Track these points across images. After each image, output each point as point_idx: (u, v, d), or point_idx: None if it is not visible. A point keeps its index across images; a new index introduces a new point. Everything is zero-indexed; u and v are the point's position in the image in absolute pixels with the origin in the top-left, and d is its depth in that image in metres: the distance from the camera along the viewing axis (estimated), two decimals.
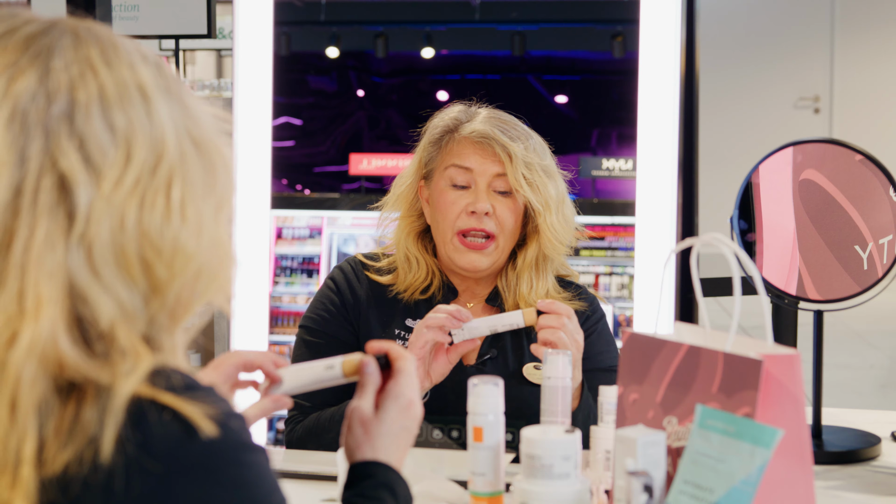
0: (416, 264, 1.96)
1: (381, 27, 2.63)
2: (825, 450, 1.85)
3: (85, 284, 0.88)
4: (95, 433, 0.85)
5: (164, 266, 0.92)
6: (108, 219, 0.89)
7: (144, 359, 0.89)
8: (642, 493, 1.22)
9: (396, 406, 1.25)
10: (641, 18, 2.09)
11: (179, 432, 0.88)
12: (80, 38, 0.93)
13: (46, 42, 0.92)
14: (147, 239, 0.91)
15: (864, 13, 9.03)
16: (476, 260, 1.90)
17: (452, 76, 2.62)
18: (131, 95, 0.92)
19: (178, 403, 0.88)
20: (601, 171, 2.51)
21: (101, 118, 0.90)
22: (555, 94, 2.52)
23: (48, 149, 0.88)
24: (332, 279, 2.00)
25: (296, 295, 2.76)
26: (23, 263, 0.86)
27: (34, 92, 0.89)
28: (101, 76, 0.92)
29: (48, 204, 0.88)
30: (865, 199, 1.90)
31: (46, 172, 0.88)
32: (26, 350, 0.85)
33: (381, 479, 1.19)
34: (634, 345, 1.37)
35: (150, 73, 0.95)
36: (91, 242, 0.89)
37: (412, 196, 1.99)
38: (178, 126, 0.95)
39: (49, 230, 0.87)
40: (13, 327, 0.86)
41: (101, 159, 0.89)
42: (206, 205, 0.95)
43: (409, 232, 1.98)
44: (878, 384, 5.77)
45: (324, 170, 2.70)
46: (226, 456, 0.90)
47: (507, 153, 1.89)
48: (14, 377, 0.85)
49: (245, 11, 2.20)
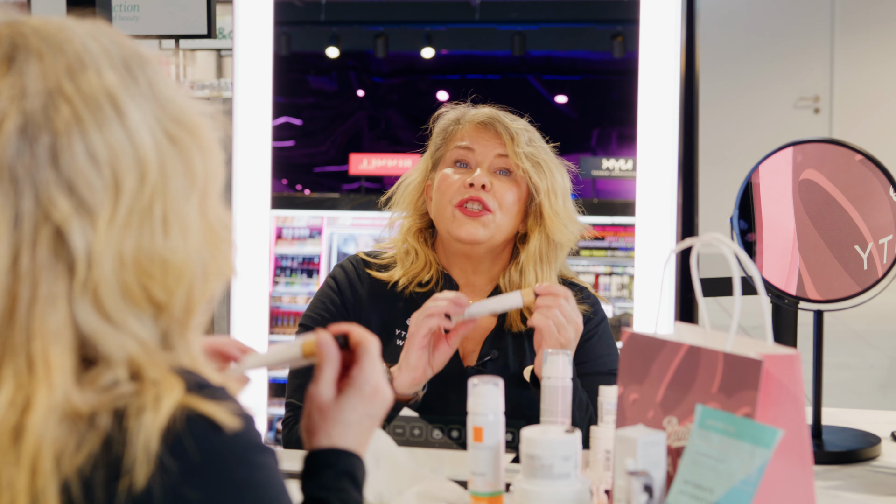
0: (414, 255, 1.97)
1: (381, 27, 2.63)
2: (825, 450, 1.85)
3: (94, 331, 0.87)
4: (129, 459, 0.85)
5: (159, 287, 0.91)
6: (109, 257, 0.88)
7: (175, 387, 0.88)
8: (642, 493, 1.22)
9: (359, 394, 1.16)
10: (641, 18, 2.09)
11: (198, 431, 0.88)
12: (45, 57, 0.90)
13: (14, 79, 0.89)
14: (139, 265, 0.90)
15: (864, 13, 9.03)
16: (472, 228, 1.89)
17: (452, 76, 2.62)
18: (104, 110, 0.90)
19: (197, 403, 0.88)
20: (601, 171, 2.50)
21: (83, 150, 0.88)
22: (555, 94, 2.52)
23: (40, 202, 0.87)
24: (333, 278, 2.00)
25: (296, 295, 2.76)
26: (28, 327, 0.86)
27: (18, 143, 0.87)
28: (73, 101, 0.89)
29: (46, 260, 0.86)
30: (865, 199, 1.90)
31: (41, 226, 0.87)
32: (44, 414, 0.84)
33: (340, 468, 1.12)
34: (634, 345, 1.37)
35: (116, 73, 0.92)
36: (96, 286, 0.88)
37: (418, 195, 2.00)
38: (152, 127, 0.92)
39: (50, 287, 0.86)
40: (25, 392, 0.85)
41: (91, 198, 0.88)
42: (189, 203, 0.94)
43: (411, 227, 2.00)
44: (878, 384, 5.77)
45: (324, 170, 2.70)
46: (237, 456, 0.90)
47: (510, 133, 1.92)
48: (35, 443, 0.84)
49: (245, 11, 2.20)
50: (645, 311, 2.11)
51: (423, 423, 1.80)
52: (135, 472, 0.84)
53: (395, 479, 1.54)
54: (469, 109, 2.00)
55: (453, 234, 1.92)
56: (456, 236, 1.92)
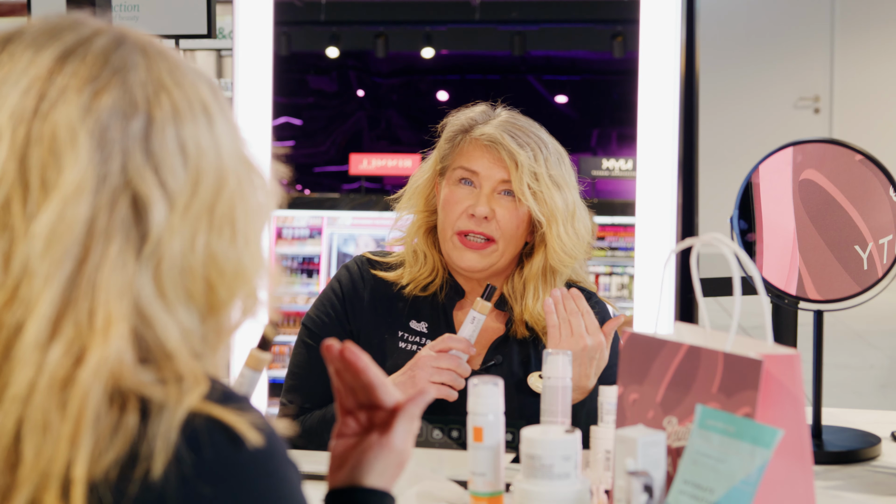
0: (423, 258, 1.95)
1: (381, 27, 2.63)
2: (825, 450, 1.85)
3: (150, 306, 0.89)
4: (147, 450, 0.86)
5: (226, 287, 0.94)
6: (180, 240, 0.91)
7: (202, 381, 0.90)
8: (642, 493, 1.22)
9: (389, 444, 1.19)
10: (641, 18, 2.08)
11: (222, 443, 0.88)
12: (150, 55, 0.95)
13: (122, 57, 0.93)
14: (213, 261, 0.93)
15: (864, 13, 9.04)
16: (473, 259, 1.89)
17: (452, 76, 2.62)
18: (197, 115, 0.94)
19: (223, 414, 0.89)
20: (601, 171, 2.51)
21: (175, 139, 0.92)
22: (555, 94, 2.52)
23: (125, 169, 0.89)
24: (338, 280, 2.00)
25: (296, 295, 2.76)
26: (95, 281, 0.87)
27: (115, 108, 0.90)
28: (173, 95, 0.93)
29: (122, 223, 0.89)
30: (865, 199, 1.90)
31: (122, 192, 0.89)
32: (94, 369, 0.86)
33: None
34: (634, 345, 1.37)
35: (208, 92, 0.97)
36: (159, 264, 0.90)
37: (429, 191, 1.98)
38: (234, 147, 0.97)
39: (122, 249, 0.88)
40: (82, 343, 0.86)
41: (173, 182, 0.91)
42: (258, 223, 0.98)
43: (421, 226, 1.97)
44: (878, 384, 5.77)
45: (324, 170, 2.70)
46: (259, 467, 0.90)
47: (514, 160, 1.87)
48: (81, 396, 0.85)
49: (245, 11, 2.20)
50: (645, 311, 2.10)
51: (423, 423, 1.80)
52: (152, 464, 0.85)
53: None
54: (478, 119, 1.95)
55: (453, 262, 1.91)
56: (455, 265, 1.91)
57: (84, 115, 0.89)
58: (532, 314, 1.90)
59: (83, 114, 0.89)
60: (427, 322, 1.94)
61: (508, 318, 1.93)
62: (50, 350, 0.86)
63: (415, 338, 1.93)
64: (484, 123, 1.94)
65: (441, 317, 1.94)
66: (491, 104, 1.99)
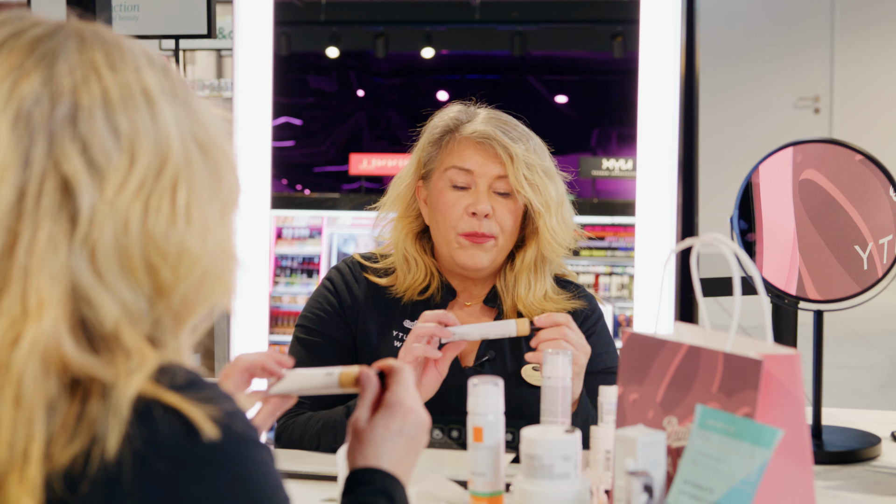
0: (415, 265, 1.95)
1: (381, 27, 2.63)
2: (825, 450, 1.85)
3: (88, 286, 0.89)
4: (101, 430, 0.86)
5: (170, 269, 0.93)
6: (112, 222, 0.90)
7: (149, 358, 0.90)
8: (642, 493, 1.22)
9: (390, 413, 1.22)
10: (641, 18, 2.09)
11: (183, 430, 0.88)
12: (86, 41, 0.94)
13: (51, 45, 0.93)
14: (152, 242, 0.92)
15: (864, 13, 9.04)
16: (477, 256, 1.89)
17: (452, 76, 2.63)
18: (135, 99, 0.93)
19: (182, 402, 0.89)
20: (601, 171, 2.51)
21: (105, 122, 0.91)
22: (555, 94, 2.52)
23: (51, 152, 0.89)
24: (330, 280, 2.00)
25: (296, 295, 2.76)
26: (26, 266, 0.87)
27: (38, 95, 0.90)
28: (104, 80, 0.93)
29: (51, 207, 0.89)
30: (865, 199, 1.90)
31: (49, 175, 0.89)
32: (28, 349, 0.86)
33: (377, 486, 1.17)
34: (634, 345, 1.37)
35: (155, 77, 0.96)
36: (94, 245, 0.89)
37: (409, 196, 1.98)
38: (183, 130, 0.95)
39: (52, 233, 0.88)
40: (17, 329, 0.87)
41: (104, 163, 0.90)
42: (212, 208, 0.96)
43: (408, 233, 1.97)
44: (878, 384, 5.77)
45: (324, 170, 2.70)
46: (230, 452, 0.90)
47: (509, 154, 1.88)
48: (17, 376, 0.86)
49: (245, 11, 2.20)
50: (645, 311, 2.11)
51: None
52: (106, 442, 0.86)
53: None
54: (462, 119, 1.95)
55: (457, 261, 1.91)
56: (460, 263, 1.91)
57: (5, 103, 0.89)
58: (525, 304, 1.92)
59: (4, 102, 0.89)
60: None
61: (498, 313, 1.94)
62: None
63: (399, 350, 1.93)
64: (469, 121, 1.94)
65: None
66: (464, 102, 1.99)
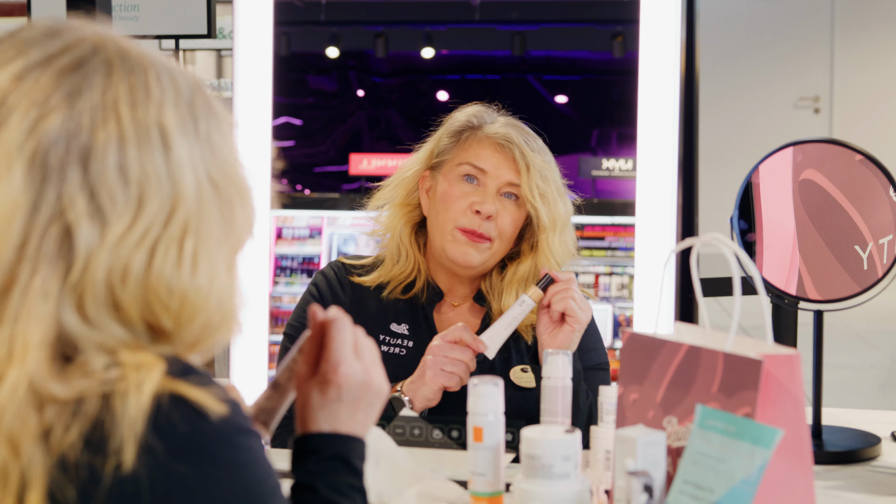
0: (404, 257, 1.94)
1: (381, 27, 2.63)
2: (825, 450, 1.85)
3: (74, 331, 0.89)
4: (115, 443, 0.87)
5: (171, 318, 0.93)
6: (107, 268, 0.90)
7: (155, 366, 0.90)
8: (642, 493, 1.22)
9: (322, 380, 1.12)
10: (641, 18, 2.09)
11: (187, 417, 0.89)
12: (113, 73, 0.93)
13: (78, 80, 0.92)
14: (153, 291, 0.92)
15: (864, 13, 9.03)
16: (470, 254, 1.88)
17: (452, 76, 2.62)
18: (151, 140, 0.92)
19: (183, 388, 0.90)
20: (601, 171, 2.51)
21: (116, 165, 0.91)
22: (555, 94, 2.52)
23: (60, 199, 0.89)
24: (315, 285, 1.99)
25: (296, 295, 2.76)
26: (17, 310, 0.88)
27: (58, 136, 0.90)
28: (123, 121, 0.92)
29: (50, 253, 0.89)
30: (865, 199, 1.90)
31: (55, 221, 0.89)
32: (10, 390, 0.87)
33: (327, 452, 1.10)
34: (634, 345, 1.37)
35: (177, 113, 0.95)
36: (83, 291, 0.89)
37: (413, 185, 1.97)
38: (198, 170, 0.95)
39: (46, 279, 0.89)
40: (1, 370, 0.88)
41: (109, 208, 0.90)
42: (220, 254, 0.96)
43: (407, 222, 1.96)
44: (878, 384, 5.77)
45: (324, 170, 2.70)
46: (222, 438, 0.91)
47: (526, 162, 1.88)
48: (7, 419, 0.86)
49: (245, 11, 2.20)
50: (645, 311, 2.11)
51: (423, 423, 1.80)
52: (122, 453, 0.86)
53: (395, 479, 1.54)
54: (486, 119, 1.95)
55: (448, 254, 1.90)
56: (451, 257, 1.90)
57: (25, 140, 0.89)
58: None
59: (24, 138, 0.89)
60: (408, 324, 1.93)
61: (486, 313, 1.94)
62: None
63: (396, 340, 1.93)
64: (492, 122, 1.93)
65: (421, 318, 1.94)
66: (486, 105, 1.99)
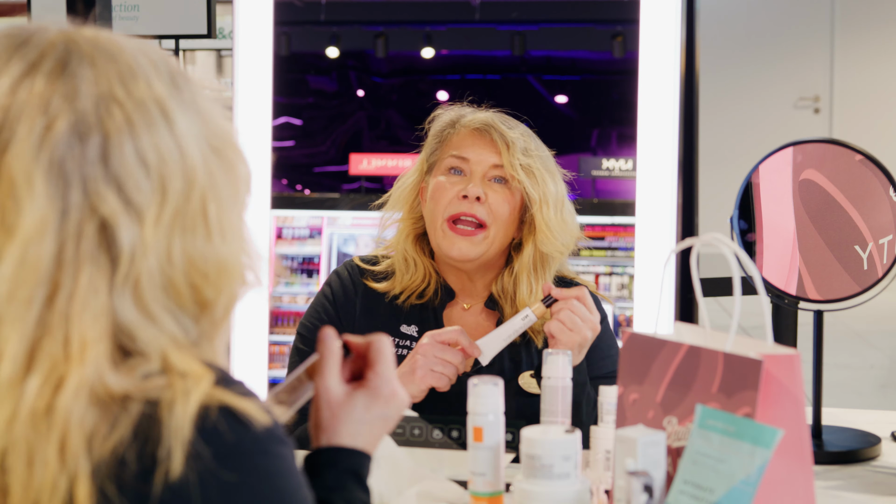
0: (413, 266, 1.95)
1: (381, 27, 2.63)
2: (825, 450, 1.85)
3: (131, 323, 0.90)
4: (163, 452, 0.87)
5: (212, 287, 0.95)
6: (155, 255, 0.91)
7: (204, 377, 0.91)
8: (642, 493, 1.22)
9: (376, 395, 1.15)
10: (641, 18, 2.08)
11: (229, 424, 0.90)
12: (97, 63, 0.94)
13: (70, 78, 0.92)
14: (193, 265, 0.93)
15: (864, 13, 9.03)
16: (465, 248, 1.87)
17: (452, 76, 2.62)
18: (154, 118, 0.93)
19: (229, 398, 0.91)
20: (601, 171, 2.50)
21: (134, 153, 0.91)
22: (555, 94, 2.52)
23: (87, 196, 0.90)
24: (329, 285, 1.99)
25: (296, 295, 2.76)
26: (67, 312, 0.88)
27: (69, 137, 0.90)
28: (125, 106, 0.92)
29: (90, 251, 0.89)
30: (865, 199, 1.90)
31: (88, 220, 0.90)
32: (73, 393, 0.87)
33: (344, 467, 1.12)
34: (634, 345, 1.37)
35: (164, 85, 0.96)
36: (137, 281, 0.90)
37: (413, 197, 1.98)
38: (199, 141, 0.96)
39: (92, 276, 0.89)
40: (59, 372, 0.87)
41: (139, 198, 0.91)
42: (235, 211, 0.98)
43: (409, 234, 1.97)
44: (878, 384, 5.77)
45: (324, 170, 2.70)
46: (263, 447, 0.92)
47: (505, 141, 1.88)
48: (63, 421, 0.86)
49: (245, 11, 2.20)
50: (645, 311, 2.10)
51: (423, 423, 1.81)
52: (171, 461, 0.87)
53: (395, 479, 1.54)
54: (465, 113, 1.96)
55: (443, 252, 1.90)
56: (446, 254, 1.89)
57: (38, 151, 0.89)
58: (529, 305, 1.90)
59: (37, 150, 0.89)
60: (417, 325, 1.93)
61: (499, 318, 1.93)
62: (26, 384, 0.87)
63: (405, 342, 1.93)
64: (472, 115, 1.95)
65: (431, 319, 1.94)
66: (470, 104, 2.00)
